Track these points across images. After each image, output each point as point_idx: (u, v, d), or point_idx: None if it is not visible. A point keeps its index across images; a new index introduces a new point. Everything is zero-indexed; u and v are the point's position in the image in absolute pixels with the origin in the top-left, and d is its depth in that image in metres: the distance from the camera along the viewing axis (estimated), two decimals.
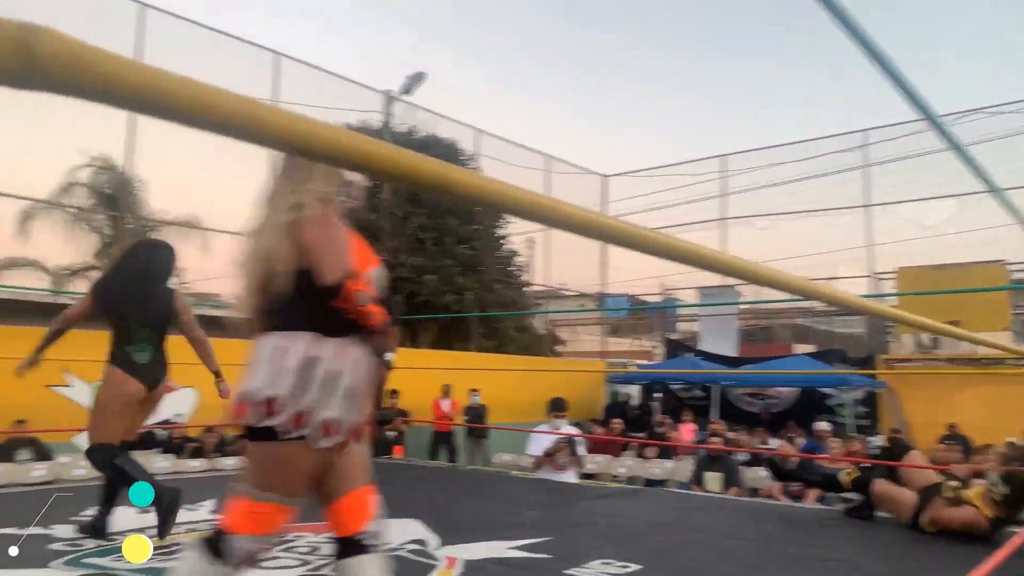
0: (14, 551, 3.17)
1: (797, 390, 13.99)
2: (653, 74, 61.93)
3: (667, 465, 8.99)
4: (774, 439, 10.67)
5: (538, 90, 60.70)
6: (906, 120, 13.83)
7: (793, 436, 10.48)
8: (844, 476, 4.98)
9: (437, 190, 0.85)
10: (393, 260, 13.67)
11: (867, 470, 5.09)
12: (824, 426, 9.30)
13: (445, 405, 11.42)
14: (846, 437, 8.79)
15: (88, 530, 3.85)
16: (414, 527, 4.23)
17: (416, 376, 9.72)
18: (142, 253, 4.44)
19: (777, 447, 9.60)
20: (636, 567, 3.60)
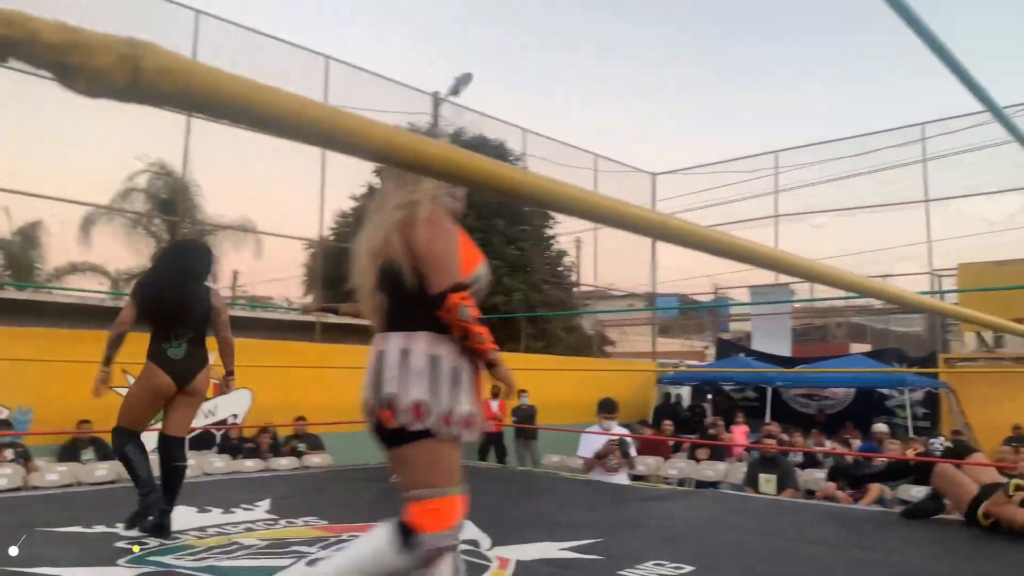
0: (14, 551, 3.21)
1: (852, 391, 13.67)
2: (700, 72, 61.24)
3: (720, 467, 8.86)
4: (829, 441, 10.47)
5: (585, 89, 60.50)
6: (966, 112, 13.43)
7: (849, 438, 10.26)
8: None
9: (512, 195, 0.85)
10: None
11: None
12: (882, 427, 9.07)
13: (494, 406, 11.44)
14: (905, 439, 8.57)
15: (151, 528, 3.94)
16: (466, 527, 4.24)
17: None
18: (179, 253, 4.56)
19: (830, 449, 9.41)
20: (689, 568, 3.56)
